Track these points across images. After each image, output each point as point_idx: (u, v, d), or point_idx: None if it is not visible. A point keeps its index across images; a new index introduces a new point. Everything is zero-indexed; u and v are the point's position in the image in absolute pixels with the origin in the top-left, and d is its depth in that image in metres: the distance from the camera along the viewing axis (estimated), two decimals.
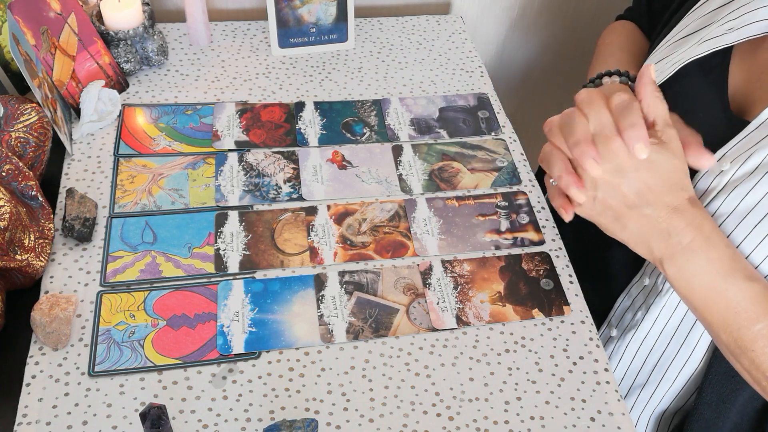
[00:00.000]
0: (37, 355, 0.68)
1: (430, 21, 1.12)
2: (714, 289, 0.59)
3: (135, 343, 0.69)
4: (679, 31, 0.74)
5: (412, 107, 0.96)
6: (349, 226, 0.82)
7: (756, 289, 0.58)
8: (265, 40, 1.04)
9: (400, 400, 0.68)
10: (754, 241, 0.61)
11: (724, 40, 0.66)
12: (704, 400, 0.70)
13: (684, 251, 0.59)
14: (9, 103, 0.81)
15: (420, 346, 0.72)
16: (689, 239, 0.59)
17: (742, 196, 0.62)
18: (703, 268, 0.59)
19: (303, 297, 0.75)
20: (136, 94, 0.94)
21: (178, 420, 0.65)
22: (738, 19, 0.66)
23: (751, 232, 0.61)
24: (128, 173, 0.84)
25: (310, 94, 0.97)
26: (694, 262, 0.59)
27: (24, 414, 0.64)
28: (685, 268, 0.59)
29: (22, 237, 0.72)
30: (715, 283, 0.59)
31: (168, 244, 0.78)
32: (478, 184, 0.88)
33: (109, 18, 0.92)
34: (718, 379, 0.69)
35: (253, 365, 0.69)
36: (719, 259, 0.59)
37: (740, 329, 0.59)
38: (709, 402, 0.70)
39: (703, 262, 0.59)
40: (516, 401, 0.69)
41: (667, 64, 0.72)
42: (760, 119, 0.62)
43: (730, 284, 0.59)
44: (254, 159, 0.88)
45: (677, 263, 0.60)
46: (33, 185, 0.75)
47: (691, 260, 0.59)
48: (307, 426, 0.62)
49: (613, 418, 0.68)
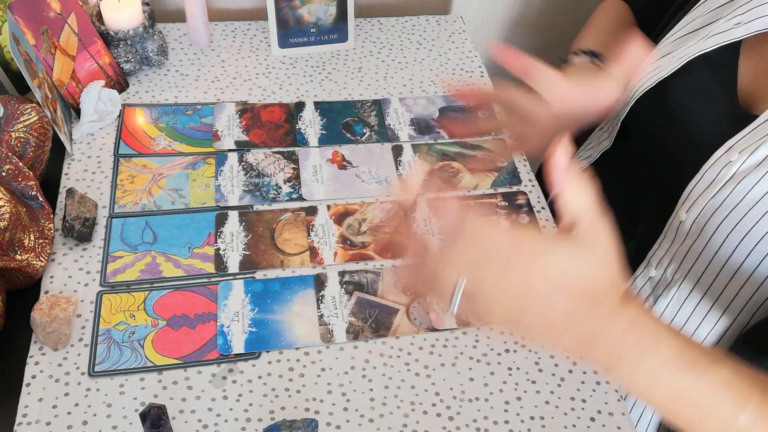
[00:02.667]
0: (37, 355, 0.68)
1: (430, 21, 1.12)
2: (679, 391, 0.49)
3: (135, 343, 0.69)
4: (685, 26, 0.74)
5: (412, 107, 0.96)
6: (349, 226, 0.82)
7: (725, 373, 0.48)
8: (265, 40, 1.04)
9: (400, 400, 0.68)
10: (760, 232, 0.61)
11: (732, 35, 0.66)
12: None
13: (630, 359, 0.49)
14: (9, 103, 0.81)
15: (420, 346, 0.72)
16: (633, 345, 0.48)
17: (750, 187, 0.62)
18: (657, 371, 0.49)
19: (303, 297, 0.75)
20: (136, 94, 0.94)
21: (178, 420, 0.65)
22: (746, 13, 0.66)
23: (758, 223, 0.61)
24: (128, 173, 0.84)
25: (310, 94, 0.97)
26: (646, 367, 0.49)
27: (24, 414, 0.64)
28: (636, 376, 0.49)
29: (22, 237, 0.72)
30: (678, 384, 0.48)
31: (168, 244, 0.78)
32: (478, 184, 0.88)
33: (109, 18, 0.92)
34: None
35: (253, 365, 0.69)
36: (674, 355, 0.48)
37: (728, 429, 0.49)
38: None
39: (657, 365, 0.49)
40: (516, 401, 0.69)
41: (674, 58, 0.72)
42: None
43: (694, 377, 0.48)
44: (254, 159, 0.88)
45: (625, 373, 0.49)
46: (33, 185, 0.75)
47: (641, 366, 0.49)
48: (307, 426, 0.62)
49: (613, 418, 0.68)
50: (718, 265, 0.66)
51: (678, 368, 0.48)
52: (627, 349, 0.48)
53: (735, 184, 0.63)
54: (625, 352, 0.48)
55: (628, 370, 0.49)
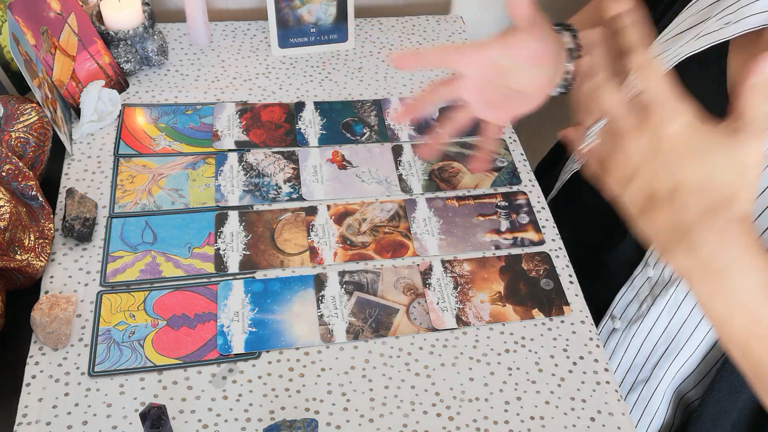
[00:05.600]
0: (37, 355, 0.68)
1: (430, 21, 1.12)
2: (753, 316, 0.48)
3: (135, 343, 0.69)
4: (676, 27, 0.74)
5: None
6: (349, 226, 0.82)
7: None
8: (265, 40, 1.04)
9: (400, 400, 0.68)
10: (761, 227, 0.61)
11: (721, 34, 0.66)
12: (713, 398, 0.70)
13: (716, 274, 0.48)
14: (9, 103, 0.81)
15: (420, 346, 0.72)
16: (724, 262, 0.48)
17: None
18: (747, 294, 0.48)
19: (303, 297, 0.75)
20: (136, 94, 0.94)
21: (178, 420, 0.65)
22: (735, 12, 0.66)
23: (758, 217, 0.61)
24: (128, 173, 0.84)
25: (310, 94, 0.97)
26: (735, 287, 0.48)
27: (24, 414, 0.64)
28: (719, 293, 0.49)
29: (22, 237, 0.72)
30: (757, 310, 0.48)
31: (168, 244, 0.78)
32: (478, 184, 0.88)
33: (109, 18, 0.92)
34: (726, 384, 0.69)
35: (253, 365, 0.69)
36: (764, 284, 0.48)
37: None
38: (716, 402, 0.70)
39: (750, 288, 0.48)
40: (516, 401, 0.69)
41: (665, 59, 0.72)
42: None
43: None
44: (254, 159, 0.88)
45: (709, 287, 0.49)
46: (33, 185, 0.75)
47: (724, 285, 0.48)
48: (307, 426, 0.62)
49: (613, 418, 0.68)
50: None
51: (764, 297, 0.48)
52: (715, 264, 0.48)
53: None
54: (716, 266, 0.48)
55: (713, 284, 0.48)
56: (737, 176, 0.47)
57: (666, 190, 0.48)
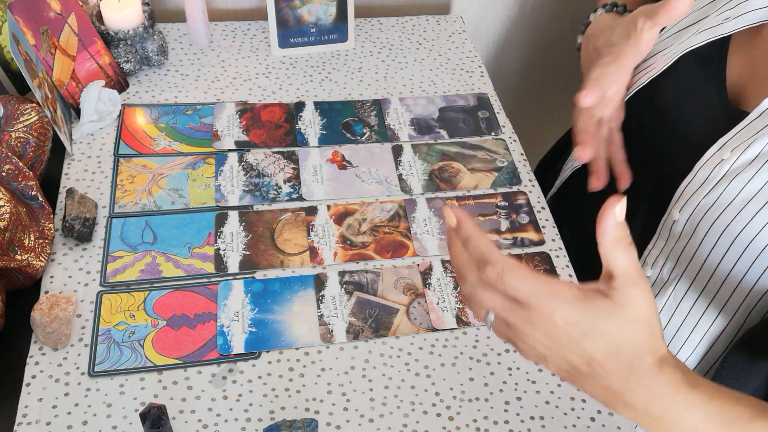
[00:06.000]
0: (37, 355, 0.68)
1: (430, 21, 1.12)
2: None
3: (135, 343, 0.69)
4: (678, 23, 0.74)
5: (412, 107, 0.97)
6: (349, 226, 0.82)
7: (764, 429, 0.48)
8: (265, 40, 1.04)
9: (400, 400, 0.68)
10: (754, 230, 0.61)
11: (720, 30, 0.66)
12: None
13: (659, 421, 0.49)
14: (9, 103, 0.81)
15: (420, 346, 0.72)
16: (662, 409, 0.48)
17: (743, 185, 0.62)
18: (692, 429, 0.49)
19: (303, 297, 0.75)
20: (136, 94, 0.94)
21: (178, 420, 0.65)
22: (734, 8, 0.66)
23: (751, 221, 0.61)
24: (128, 173, 0.84)
25: (310, 94, 0.97)
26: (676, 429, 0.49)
27: (24, 414, 0.64)
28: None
29: (22, 237, 0.72)
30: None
31: (168, 244, 0.78)
32: (478, 184, 0.88)
33: (109, 18, 0.92)
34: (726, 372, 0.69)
35: (253, 365, 0.69)
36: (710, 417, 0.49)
37: None
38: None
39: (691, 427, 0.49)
40: (516, 401, 0.69)
41: (665, 55, 0.72)
42: (761, 109, 0.62)
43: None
44: (254, 159, 0.88)
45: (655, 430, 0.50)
46: (33, 185, 0.75)
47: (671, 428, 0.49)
48: (307, 426, 0.62)
49: (613, 418, 0.68)
50: (712, 263, 0.66)
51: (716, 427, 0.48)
52: (656, 413, 0.48)
53: (728, 182, 0.63)
54: (657, 413, 0.48)
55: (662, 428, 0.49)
56: (637, 331, 0.48)
57: (581, 365, 0.49)
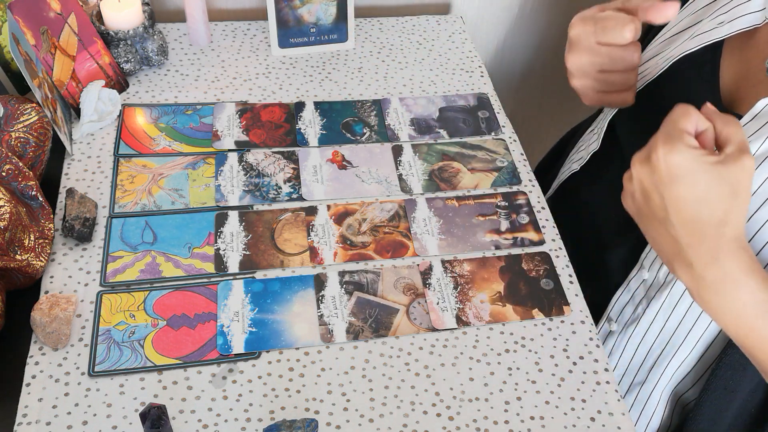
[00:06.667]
0: (37, 355, 0.68)
1: (430, 21, 1.12)
2: (746, 326, 0.54)
3: (135, 343, 0.69)
4: (671, 28, 0.74)
5: (412, 107, 0.97)
6: (349, 226, 0.82)
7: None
8: (265, 40, 1.04)
9: (400, 400, 0.68)
10: (751, 230, 0.61)
11: (715, 34, 0.66)
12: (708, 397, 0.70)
13: (708, 288, 0.54)
14: (9, 103, 0.81)
15: (420, 346, 0.72)
16: (714, 277, 0.53)
17: None
18: (731, 307, 0.54)
19: (303, 297, 0.75)
20: (136, 94, 0.94)
21: (178, 420, 0.65)
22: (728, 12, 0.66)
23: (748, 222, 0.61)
24: (128, 173, 0.84)
25: (310, 94, 0.97)
26: (721, 301, 0.54)
27: (24, 414, 0.64)
28: (710, 303, 0.55)
29: (22, 237, 0.72)
30: (747, 322, 0.54)
31: (168, 244, 0.78)
32: (478, 184, 0.88)
33: (109, 18, 0.92)
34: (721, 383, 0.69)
35: (253, 365, 0.69)
36: (751, 301, 0.53)
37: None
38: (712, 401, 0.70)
39: (732, 303, 0.54)
40: (516, 401, 0.69)
41: (660, 60, 0.72)
42: (754, 111, 0.62)
43: (764, 324, 0.53)
44: (254, 159, 0.88)
45: (702, 296, 0.55)
46: (33, 185, 0.75)
47: (716, 298, 0.54)
48: (307, 426, 0.62)
49: (613, 418, 0.68)
50: None
51: (752, 312, 0.53)
52: (708, 278, 0.53)
53: None
54: (706, 281, 0.53)
55: (703, 296, 0.54)
56: (729, 198, 0.51)
57: (658, 209, 0.52)
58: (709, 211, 0.52)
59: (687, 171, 0.52)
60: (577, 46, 0.62)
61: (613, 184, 0.81)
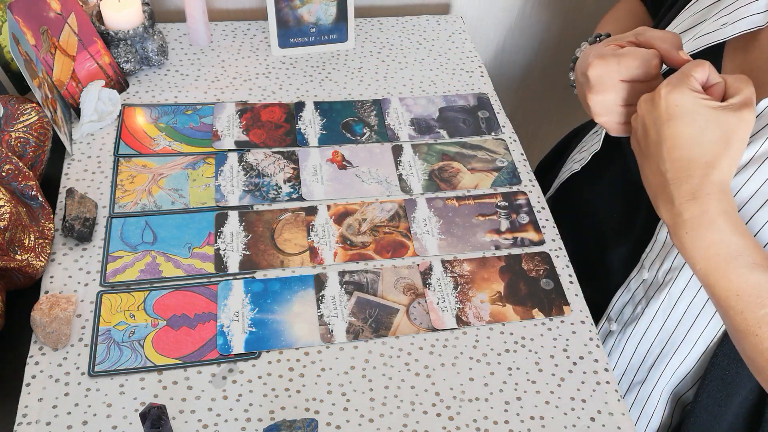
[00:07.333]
0: (37, 355, 0.68)
1: (430, 21, 1.12)
2: (715, 268, 0.56)
3: (135, 343, 0.69)
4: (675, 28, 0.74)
5: (412, 107, 0.97)
6: (349, 226, 0.82)
7: (760, 278, 0.55)
8: (265, 40, 1.04)
9: (400, 400, 0.68)
10: (752, 229, 0.61)
11: (717, 36, 0.66)
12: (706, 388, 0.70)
13: (684, 224, 0.56)
14: (9, 103, 0.81)
15: (420, 346, 0.72)
16: (691, 215, 0.55)
17: (739, 187, 0.62)
18: (702, 246, 0.56)
19: (303, 297, 0.75)
20: (136, 94, 0.94)
21: (178, 420, 0.65)
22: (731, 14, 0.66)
23: (749, 221, 0.61)
24: (128, 173, 0.84)
25: (310, 94, 0.97)
26: (695, 239, 0.56)
27: (24, 414, 0.64)
28: (684, 242, 0.57)
29: (22, 237, 0.72)
30: (717, 264, 0.56)
31: (168, 244, 0.78)
32: (478, 184, 0.88)
33: (109, 18, 0.92)
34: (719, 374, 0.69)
35: (253, 365, 0.69)
36: (722, 243, 0.55)
37: (743, 312, 0.56)
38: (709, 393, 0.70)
39: (703, 242, 0.56)
40: (516, 401, 0.69)
41: None
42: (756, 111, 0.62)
43: (732, 268, 0.55)
44: (254, 159, 0.88)
45: (678, 234, 0.57)
46: (33, 185, 0.75)
47: (690, 235, 0.56)
48: (307, 426, 0.62)
49: (613, 418, 0.68)
50: None
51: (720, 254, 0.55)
52: (686, 215, 0.55)
53: None
54: (682, 218, 0.55)
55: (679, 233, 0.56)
56: (723, 144, 0.53)
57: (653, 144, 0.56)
58: (699, 151, 0.54)
59: (685, 111, 0.54)
60: (599, 86, 0.62)
61: (614, 184, 0.81)
